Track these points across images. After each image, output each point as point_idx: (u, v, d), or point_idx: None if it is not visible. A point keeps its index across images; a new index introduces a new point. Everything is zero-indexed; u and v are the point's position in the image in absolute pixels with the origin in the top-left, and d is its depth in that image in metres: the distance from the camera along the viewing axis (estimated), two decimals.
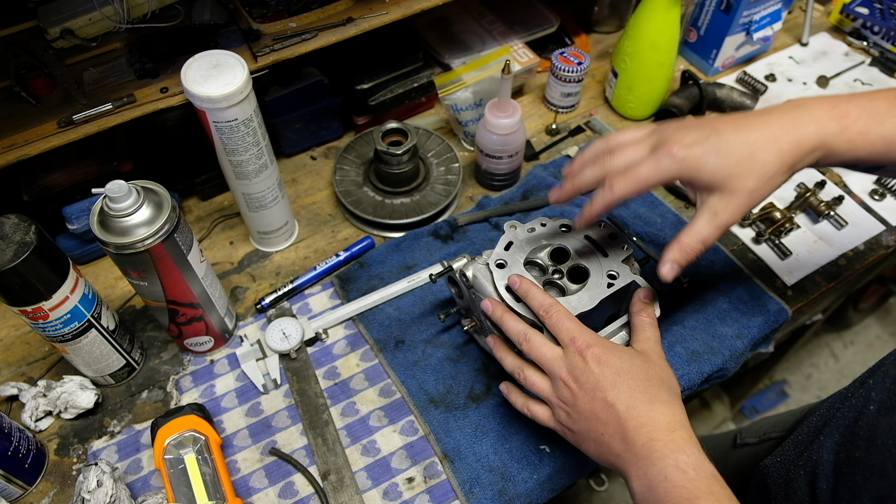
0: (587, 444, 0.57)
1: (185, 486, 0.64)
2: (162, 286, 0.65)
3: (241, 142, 0.70)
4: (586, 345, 0.56)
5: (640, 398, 0.54)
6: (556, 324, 0.58)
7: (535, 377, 0.60)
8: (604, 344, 0.57)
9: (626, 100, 1.00)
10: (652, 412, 0.54)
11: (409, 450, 0.70)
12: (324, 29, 0.80)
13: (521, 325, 0.61)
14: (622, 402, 0.54)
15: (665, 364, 0.59)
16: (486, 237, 0.86)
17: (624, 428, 0.54)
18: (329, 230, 0.90)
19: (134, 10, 0.75)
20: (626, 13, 1.15)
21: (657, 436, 0.52)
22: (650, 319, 0.61)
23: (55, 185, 0.79)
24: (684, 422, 0.54)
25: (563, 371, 0.57)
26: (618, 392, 0.55)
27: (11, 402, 0.73)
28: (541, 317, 0.60)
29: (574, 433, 0.58)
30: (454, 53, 1.01)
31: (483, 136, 0.86)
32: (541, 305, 0.60)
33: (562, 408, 0.58)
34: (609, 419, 0.54)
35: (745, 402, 1.73)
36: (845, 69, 1.09)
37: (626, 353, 0.57)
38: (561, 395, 0.58)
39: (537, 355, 0.59)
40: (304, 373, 0.75)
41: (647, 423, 0.53)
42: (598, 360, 0.56)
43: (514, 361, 0.63)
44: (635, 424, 0.53)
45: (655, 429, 0.53)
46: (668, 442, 0.52)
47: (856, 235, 0.87)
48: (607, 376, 0.55)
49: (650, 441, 0.52)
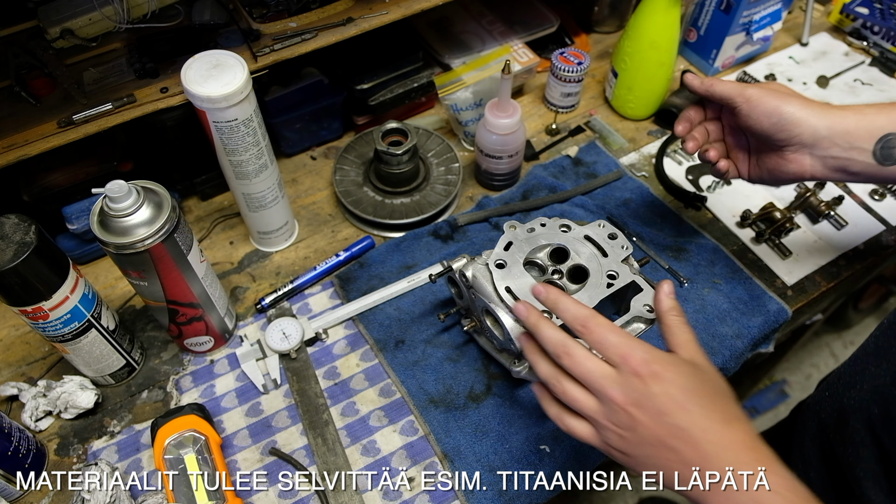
0: (648, 468, 0.51)
1: (185, 486, 0.64)
2: (162, 286, 0.65)
3: (241, 142, 0.70)
4: (643, 362, 0.49)
5: (715, 418, 0.48)
6: (601, 340, 0.51)
7: (577, 393, 0.52)
8: (660, 358, 0.50)
9: (626, 100, 1.00)
10: (728, 432, 0.48)
11: (409, 450, 0.70)
12: (324, 29, 0.80)
13: (559, 335, 0.53)
14: (696, 426, 0.48)
15: (714, 368, 0.52)
16: (486, 237, 0.86)
17: (701, 454, 0.47)
18: (329, 230, 0.90)
19: (134, 10, 0.75)
20: (626, 13, 1.15)
21: (740, 458, 0.47)
22: (682, 317, 0.54)
23: (55, 185, 0.79)
24: (757, 434, 0.49)
25: (616, 393, 0.49)
26: (688, 415, 0.48)
27: (11, 402, 0.73)
28: (578, 332, 0.52)
29: (631, 458, 0.51)
30: (454, 53, 1.01)
31: (483, 136, 0.86)
32: (575, 319, 0.52)
33: (614, 431, 0.51)
34: (681, 446, 0.48)
35: (745, 402, 1.73)
36: (845, 69, 1.09)
37: (685, 367, 0.50)
38: (615, 420, 0.50)
39: (581, 372, 0.51)
40: (304, 373, 0.75)
41: (727, 445, 0.47)
42: (658, 378, 0.48)
43: (550, 371, 0.54)
44: (714, 450, 0.47)
45: (737, 451, 0.47)
46: (752, 462, 0.46)
47: (856, 235, 0.87)
48: (674, 397, 0.48)
49: (735, 465, 0.46)
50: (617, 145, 0.99)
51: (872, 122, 0.62)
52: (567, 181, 0.93)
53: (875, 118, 0.62)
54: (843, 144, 0.63)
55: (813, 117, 0.63)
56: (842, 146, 0.63)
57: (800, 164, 0.65)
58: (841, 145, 0.63)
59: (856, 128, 0.62)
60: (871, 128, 0.62)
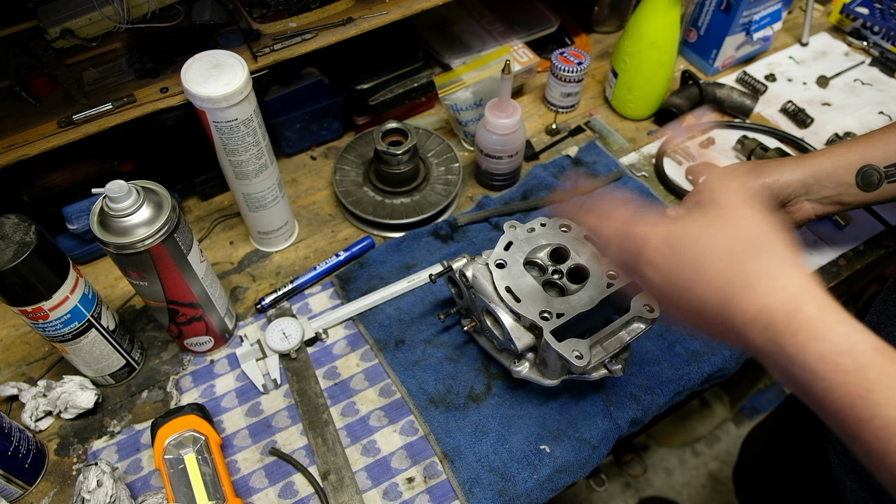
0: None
1: (185, 486, 0.64)
2: (162, 286, 0.65)
3: (241, 142, 0.70)
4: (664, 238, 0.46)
5: (733, 287, 0.42)
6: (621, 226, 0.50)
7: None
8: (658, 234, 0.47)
9: (626, 100, 1.00)
10: (756, 299, 0.42)
11: (409, 450, 0.70)
12: (324, 29, 0.80)
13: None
14: (715, 300, 0.43)
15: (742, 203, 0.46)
16: (486, 237, 0.86)
17: (732, 327, 0.43)
18: (329, 230, 0.90)
19: (134, 10, 0.75)
20: (626, 13, 1.15)
21: (779, 329, 0.40)
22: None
23: (55, 185, 0.79)
24: (804, 288, 0.41)
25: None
26: (703, 290, 0.44)
27: (11, 402, 0.73)
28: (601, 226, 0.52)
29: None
30: (454, 53, 1.01)
31: (483, 136, 0.86)
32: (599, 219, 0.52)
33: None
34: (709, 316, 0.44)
35: (745, 402, 1.73)
36: (845, 69, 1.09)
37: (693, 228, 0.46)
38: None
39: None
40: (304, 373, 0.75)
41: (756, 315, 0.41)
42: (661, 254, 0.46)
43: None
44: (742, 322, 0.42)
45: (771, 321, 0.41)
46: (796, 333, 0.40)
47: (856, 235, 0.87)
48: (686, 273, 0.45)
49: (774, 338, 0.41)
50: (617, 145, 0.99)
51: (846, 160, 0.70)
52: (567, 181, 0.93)
53: (847, 156, 0.70)
54: (831, 184, 0.70)
55: (796, 173, 0.70)
56: (830, 186, 0.71)
57: (804, 211, 0.73)
58: (829, 185, 0.71)
59: (834, 168, 0.70)
60: (847, 165, 0.70)
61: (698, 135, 0.99)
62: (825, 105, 1.04)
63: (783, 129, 0.99)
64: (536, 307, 0.63)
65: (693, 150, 0.98)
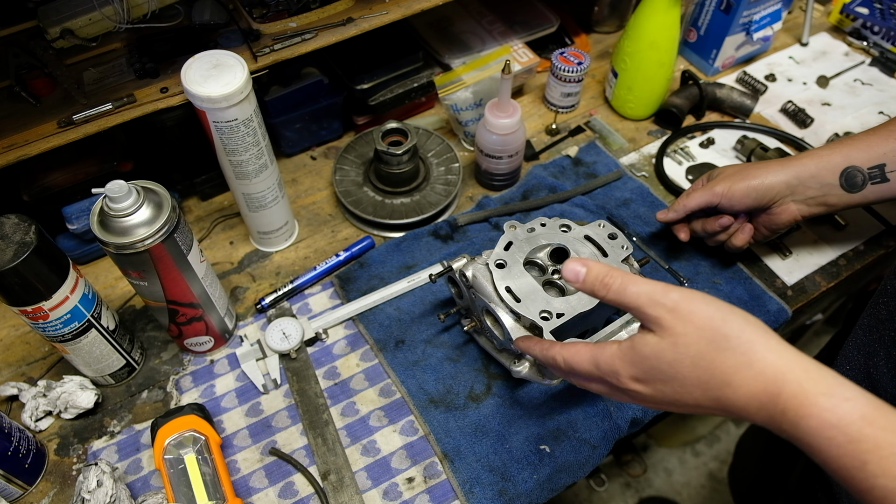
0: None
1: (185, 486, 0.64)
2: (162, 286, 0.65)
3: (241, 142, 0.70)
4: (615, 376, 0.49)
5: (714, 388, 0.44)
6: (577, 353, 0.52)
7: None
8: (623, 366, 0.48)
9: (626, 100, 1.00)
10: (739, 390, 0.43)
11: (409, 450, 0.70)
12: (324, 29, 0.80)
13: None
14: (705, 400, 0.45)
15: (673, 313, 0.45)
16: (486, 237, 0.86)
17: (732, 413, 0.44)
18: (329, 230, 0.90)
19: (134, 10, 0.75)
20: (626, 13, 1.15)
21: (770, 412, 0.42)
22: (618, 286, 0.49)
23: (55, 185, 0.79)
24: (779, 367, 0.42)
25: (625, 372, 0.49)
26: (690, 397, 0.46)
27: (11, 402, 0.73)
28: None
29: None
30: (454, 53, 1.01)
31: (483, 136, 0.86)
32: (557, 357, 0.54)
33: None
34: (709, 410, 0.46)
35: None
36: (845, 69, 1.09)
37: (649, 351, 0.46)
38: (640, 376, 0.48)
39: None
40: (304, 373, 0.75)
41: (748, 402, 0.43)
42: (636, 380, 0.48)
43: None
44: (739, 408, 0.44)
45: (762, 405, 0.42)
46: (785, 412, 0.41)
47: (856, 235, 0.87)
48: (668, 388, 0.46)
49: (771, 417, 0.42)
50: (617, 145, 0.99)
51: (829, 161, 0.71)
52: (567, 181, 0.93)
53: (830, 158, 0.71)
54: (815, 185, 0.72)
55: (780, 175, 0.72)
56: (814, 187, 0.72)
57: (789, 213, 0.74)
58: (813, 186, 0.72)
59: (818, 170, 0.71)
60: (830, 166, 0.71)
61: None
62: (825, 105, 1.04)
63: (783, 130, 0.99)
64: (536, 307, 0.63)
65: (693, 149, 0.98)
